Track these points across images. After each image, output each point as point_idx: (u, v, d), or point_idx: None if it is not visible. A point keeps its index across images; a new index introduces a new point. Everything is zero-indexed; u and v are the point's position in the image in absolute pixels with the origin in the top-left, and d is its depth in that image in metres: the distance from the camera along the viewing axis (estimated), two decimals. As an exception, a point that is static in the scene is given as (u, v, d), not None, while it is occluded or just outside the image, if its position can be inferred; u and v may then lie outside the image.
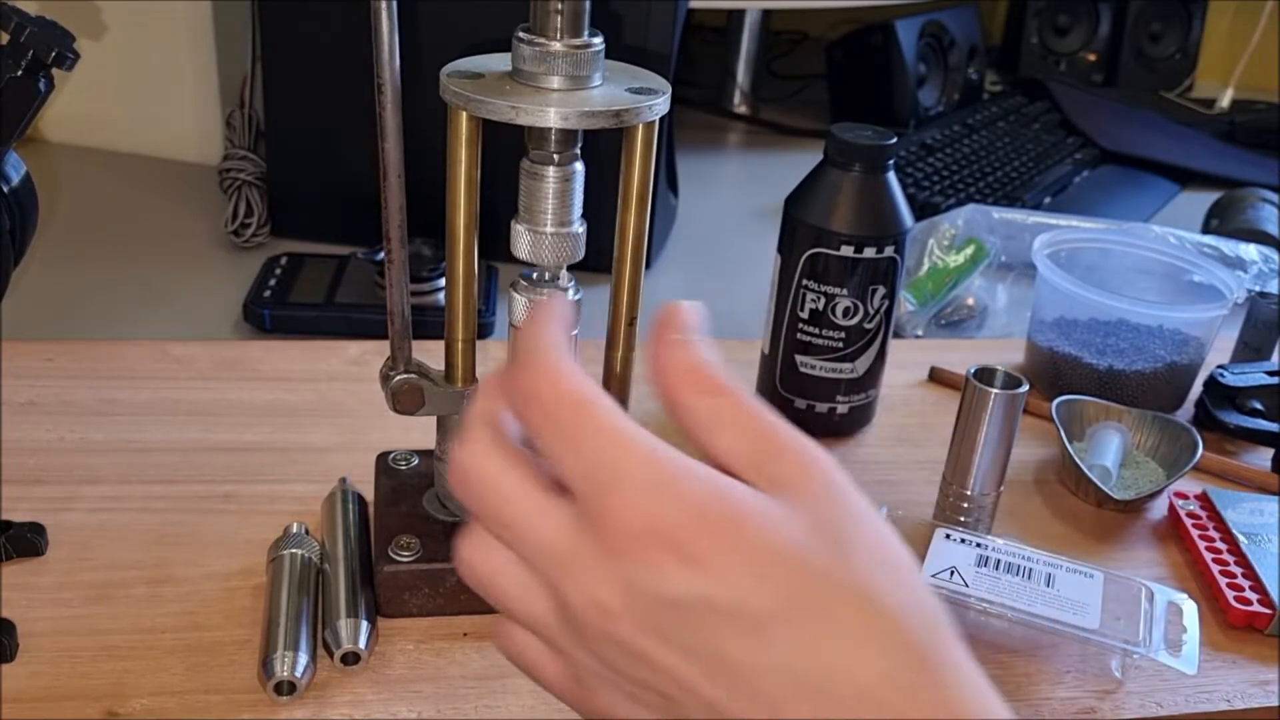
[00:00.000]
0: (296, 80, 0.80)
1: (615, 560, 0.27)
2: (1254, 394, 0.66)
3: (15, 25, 0.39)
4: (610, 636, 0.28)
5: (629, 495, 0.27)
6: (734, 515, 0.27)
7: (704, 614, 0.26)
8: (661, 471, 0.27)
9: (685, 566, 0.26)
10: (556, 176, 0.42)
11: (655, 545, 0.26)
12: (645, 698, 0.28)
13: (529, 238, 0.43)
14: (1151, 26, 1.47)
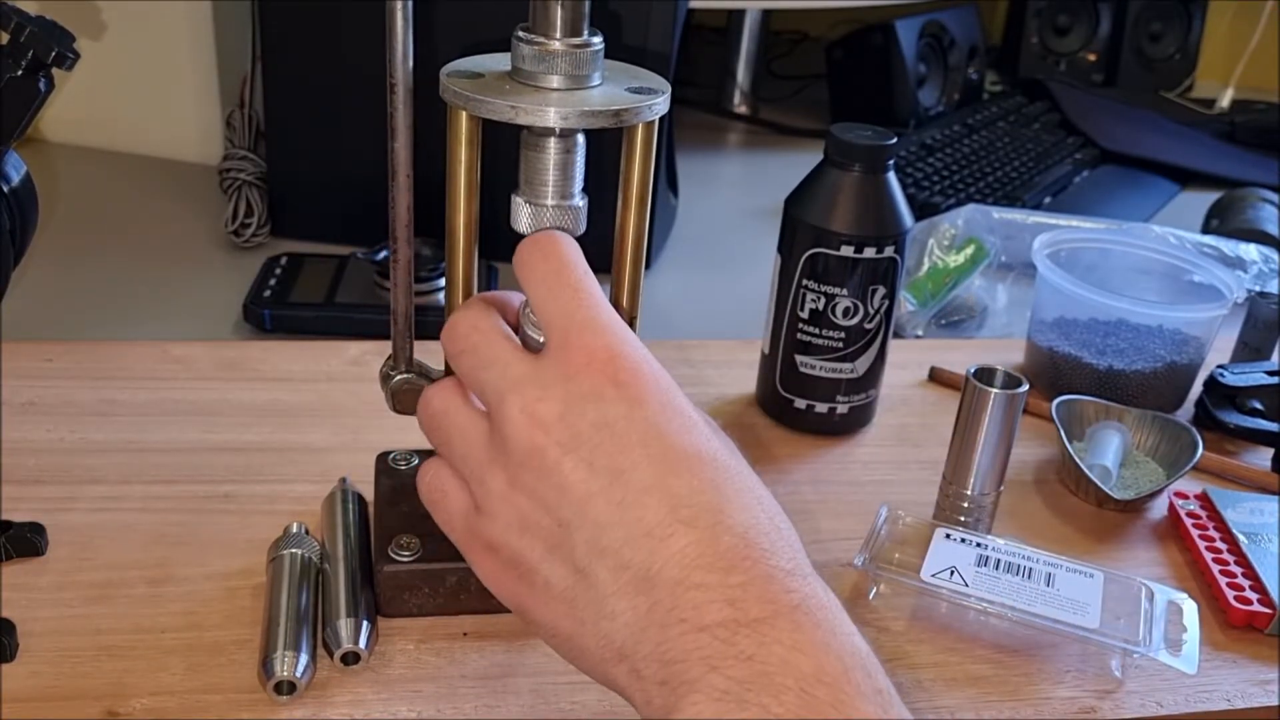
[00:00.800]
0: (296, 80, 0.80)
1: (565, 380, 0.34)
2: (1254, 394, 0.66)
3: (15, 25, 0.39)
4: (532, 449, 0.33)
5: (594, 334, 0.34)
6: (669, 387, 0.35)
7: (623, 434, 0.33)
8: (623, 329, 0.35)
9: (623, 400, 0.33)
10: (558, 148, 0.41)
11: (606, 377, 0.33)
12: (537, 525, 0.34)
13: (529, 210, 0.42)
14: (1151, 26, 1.47)
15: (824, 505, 0.57)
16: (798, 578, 0.33)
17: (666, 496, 0.33)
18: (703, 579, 0.32)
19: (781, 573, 0.32)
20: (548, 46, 0.40)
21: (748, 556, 0.32)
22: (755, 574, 0.32)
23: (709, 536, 0.32)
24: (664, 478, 0.33)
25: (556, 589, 0.34)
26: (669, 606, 0.31)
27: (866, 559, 0.50)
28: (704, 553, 0.32)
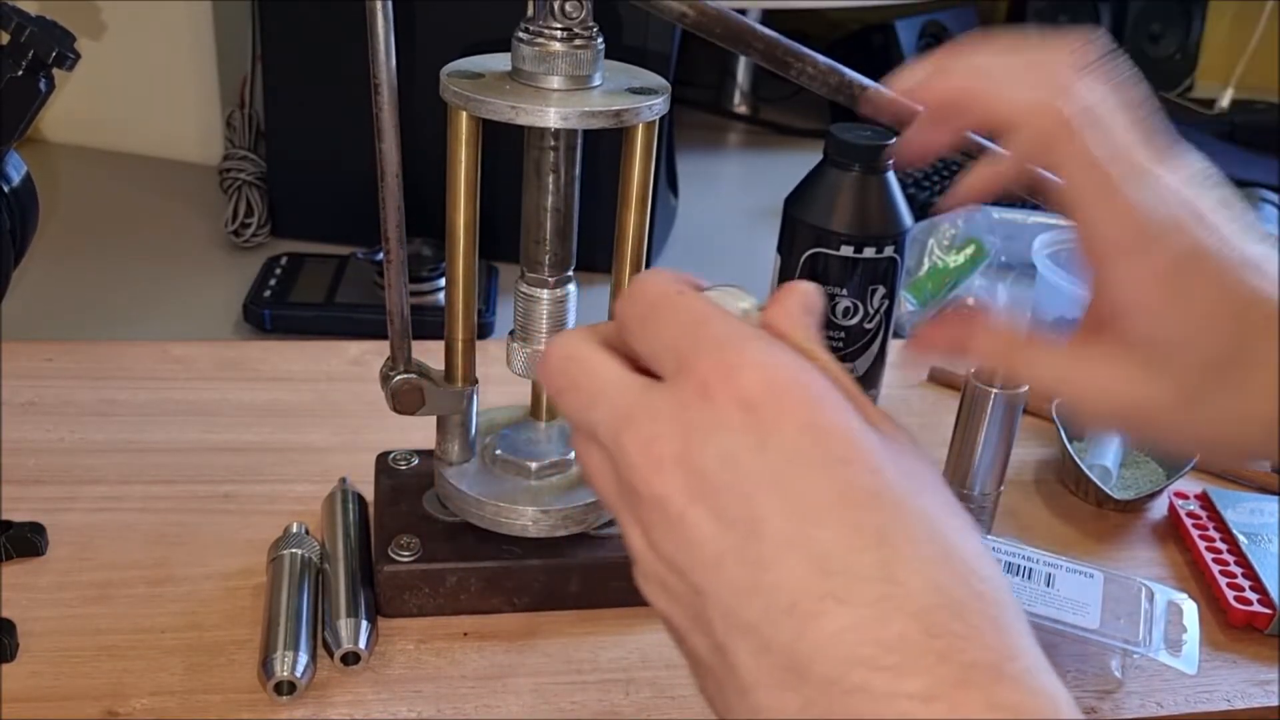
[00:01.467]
0: (296, 80, 0.80)
1: (682, 410, 0.27)
2: (1254, 394, 0.66)
3: (16, 25, 0.39)
4: (655, 500, 0.27)
5: (711, 359, 0.27)
6: (815, 399, 0.26)
7: (753, 472, 0.25)
8: (747, 344, 0.27)
9: (753, 428, 0.26)
10: (550, 299, 0.45)
11: (729, 402, 0.26)
12: (675, 590, 0.27)
13: (524, 355, 0.46)
14: (1151, 27, 1.47)
15: (824, 505, 0.57)
16: (1005, 679, 0.23)
17: (811, 556, 0.25)
18: (865, 680, 0.23)
19: (982, 671, 0.23)
20: (548, 47, 0.40)
21: (930, 649, 0.23)
22: (941, 675, 0.23)
23: (873, 617, 0.24)
24: (807, 528, 0.25)
25: (705, 663, 0.27)
26: (824, 708, 0.24)
27: (866, 559, 0.49)
28: (865, 640, 0.23)
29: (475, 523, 0.47)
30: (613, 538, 0.49)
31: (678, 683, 0.45)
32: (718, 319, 0.28)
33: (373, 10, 0.39)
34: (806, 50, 0.39)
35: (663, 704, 0.44)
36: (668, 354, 0.28)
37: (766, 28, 0.39)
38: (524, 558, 0.47)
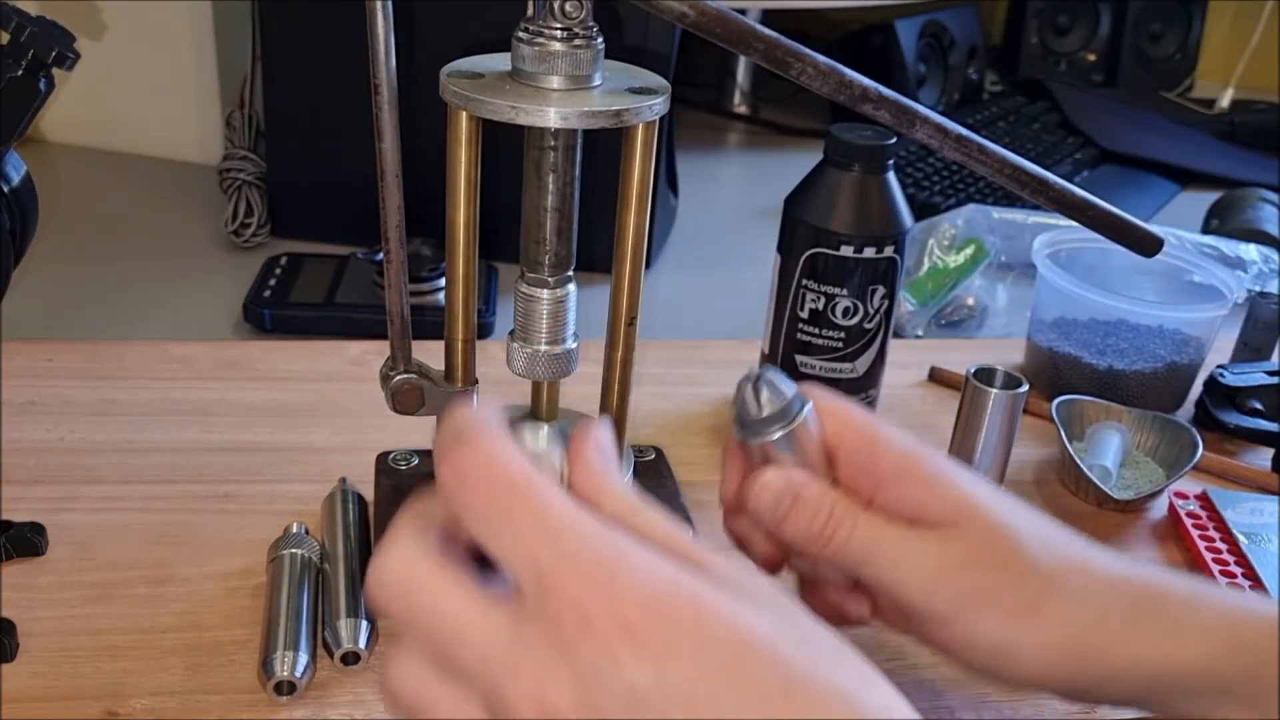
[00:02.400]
0: (296, 80, 0.80)
1: (564, 652, 0.24)
2: (1254, 394, 0.66)
3: (15, 25, 0.39)
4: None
5: (579, 578, 0.24)
6: (694, 603, 0.25)
7: (667, 709, 0.24)
8: (613, 555, 0.25)
9: (647, 658, 0.24)
10: (550, 299, 0.45)
11: (613, 634, 0.24)
12: None
13: (524, 355, 0.46)
14: (1151, 26, 1.47)
15: (824, 505, 0.57)
16: None
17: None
18: None
19: None
20: (548, 47, 0.40)
21: None
22: None
23: None
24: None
25: None
26: None
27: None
28: None
29: (475, 523, 0.47)
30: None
31: (678, 683, 0.45)
32: (569, 519, 0.26)
33: (373, 10, 0.39)
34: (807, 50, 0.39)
35: (663, 704, 0.44)
36: (525, 567, 0.25)
37: (766, 28, 0.39)
38: (524, 558, 0.47)
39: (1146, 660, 0.35)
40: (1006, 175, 0.43)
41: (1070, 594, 0.36)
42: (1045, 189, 0.44)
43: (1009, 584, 0.36)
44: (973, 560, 0.36)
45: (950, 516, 0.36)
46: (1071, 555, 0.37)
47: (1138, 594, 0.36)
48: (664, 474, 0.53)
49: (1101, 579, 0.36)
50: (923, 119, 0.41)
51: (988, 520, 0.36)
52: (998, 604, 0.35)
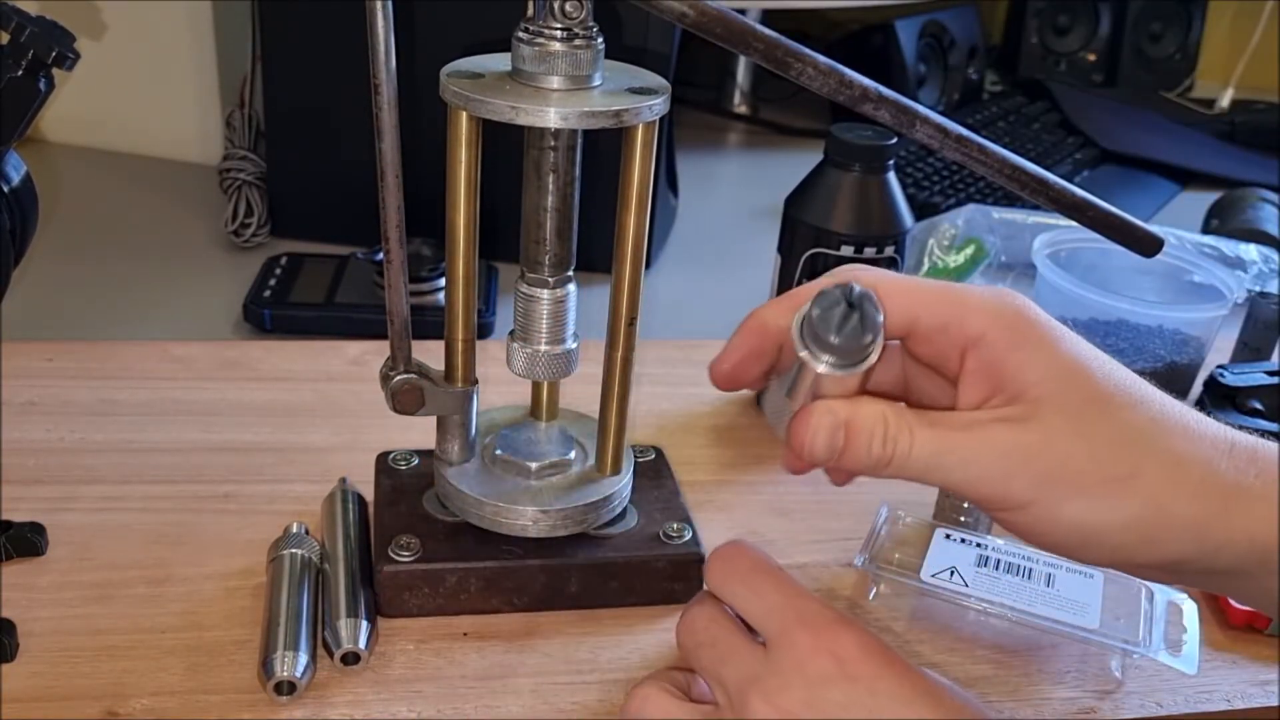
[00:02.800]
0: (296, 80, 0.80)
1: (800, 669, 0.34)
2: (1254, 394, 0.66)
3: (15, 25, 0.39)
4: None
5: (808, 625, 0.35)
6: (887, 653, 0.35)
7: (872, 711, 0.33)
8: (831, 613, 0.35)
9: (855, 678, 0.34)
10: (550, 299, 0.45)
11: (835, 659, 0.34)
12: None
13: (524, 355, 0.46)
14: (1151, 26, 1.47)
15: (824, 505, 0.57)
16: None
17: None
18: None
19: None
20: (548, 47, 0.40)
21: None
22: None
23: None
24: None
25: None
26: None
27: (866, 559, 0.50)
28: None
29: (475, 523, 0.47)
30: (612, 538, 0.49)
31: (678, 683, 0.45)
32: (800, 599, 0.36)
33: (372, 10, 0.39)
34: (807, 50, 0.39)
35: (663, 704, 0.44)
36: (770, 619, 0.35)
37: (767, 28, 0.39)
38: (524, 558, 0.47)
39: (1251, 535, 0.32)
40: (1006, 175, 0.43)
41: (1166, 460, 0.33)
42: (1045, 189, 0.43)
43: (1094, 456, 0.33)
44: (1053, 439, 0.33)
45: (1033, 390, 0.33)
46: (1167, 416, 0.34)
47: (1243, 461, 0.33)
48: (664, 474, 0.53)
49: (1202, 442, 0.33)
50: (923, 119, 0.41)
51: (1080, 387, 0.33)
52: (1081, 481, 0.33)
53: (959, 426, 0.34)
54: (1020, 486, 0.33)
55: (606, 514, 0.49)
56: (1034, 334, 0.34)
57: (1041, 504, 0.33)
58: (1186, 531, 0.33)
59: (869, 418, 0.34)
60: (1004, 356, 0.34)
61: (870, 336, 0.32)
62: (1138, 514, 0.33)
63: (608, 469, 0.49)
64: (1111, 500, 0.33)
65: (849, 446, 0.34)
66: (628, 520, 0.50)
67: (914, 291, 0.35)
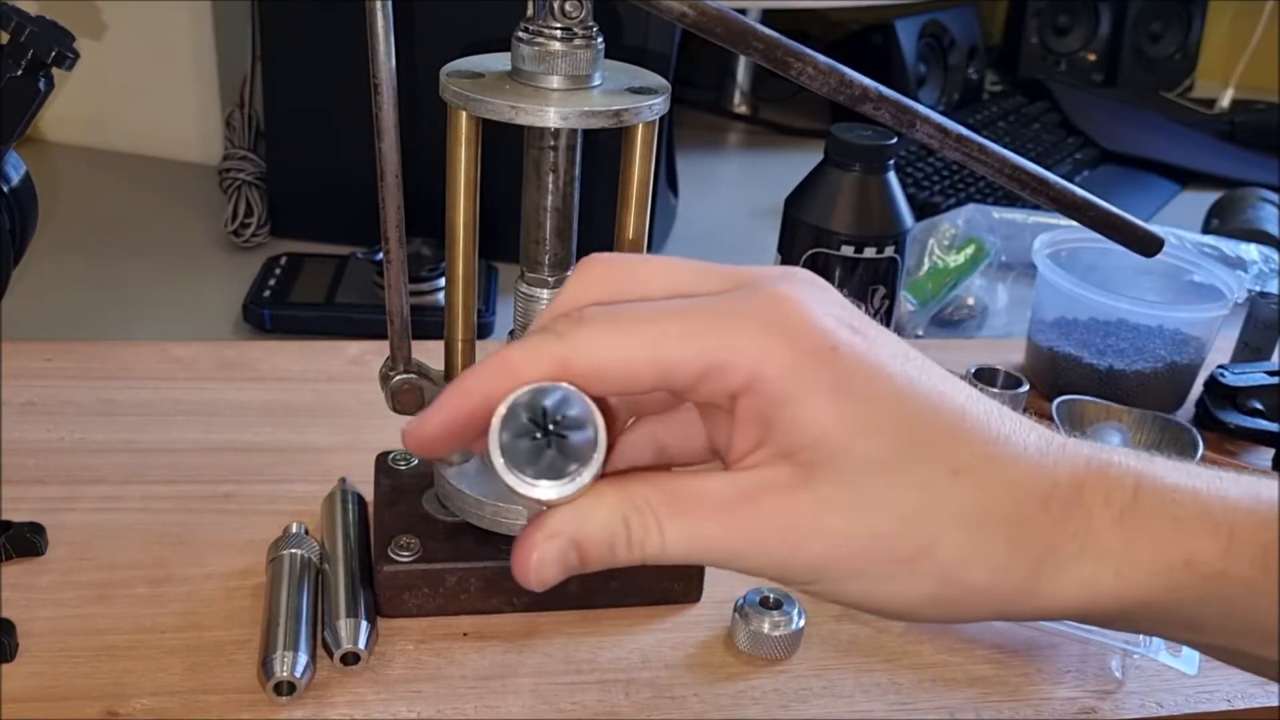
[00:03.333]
0: (296, 80, 0.80)
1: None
2: (1254, 394, 0.66)
3: (15, 25, 0.39)
4: None
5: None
6: None
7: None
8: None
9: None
10: (550, 298, 0.45)
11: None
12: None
13: None
14: (1151, 26, 1.47)
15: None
16: None
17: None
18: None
19: None
20: (547, 47, 0.40)
21: None
22: None
23: None
24: None
25: None
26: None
27: (866, 559, 0.49)
28: None
29: (475, 523, 0.47)
30: (613, 538, 0.49)
31: (677, 683, 0.45)
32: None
33: (372, 10, 0.39)
34: (807, 50, 0.39)
35: (663, 704, 0.44)
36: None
37: (766, 27, 0.39)
38: (524, 558, 0.47)
39: (1066, 600, 0.28)
40: (1007, 175, 0.43)
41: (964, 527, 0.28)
42: (1045, 189, 0.44)
43: (877, 532, 0.28)
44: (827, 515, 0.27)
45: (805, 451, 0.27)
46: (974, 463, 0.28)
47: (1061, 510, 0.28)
48: (664, 474, 0.53)
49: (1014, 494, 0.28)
50: (923, 119, 0.41)
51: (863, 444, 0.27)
52: (862, 563, 0.28)
53: (716, 508, 0.28)
54: (796, 569, 0.28)
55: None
56: (809, 378, 0.27)
57: (824, 584, 0.29)
58: (993, 602, 0.28)
59: (600, 527, 0.28)
60: (774, 410, 0.27)
61: (574, 465, 0.27)
62: (932, 592, 0.28)
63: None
64: (900, 581, 0.28)
65: (587, 562, 0.28)
66: (628, 520, 0.50)
67: (655, 340, 0.27)
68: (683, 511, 0.28)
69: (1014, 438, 0.29)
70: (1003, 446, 0.28)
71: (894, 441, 0.27)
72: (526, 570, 0.28)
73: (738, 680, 0.45)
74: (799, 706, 0.44)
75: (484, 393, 0.28)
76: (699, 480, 0.29)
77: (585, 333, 0.28)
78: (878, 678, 0.46)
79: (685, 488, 0.28)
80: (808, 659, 0.46)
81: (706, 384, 0.28)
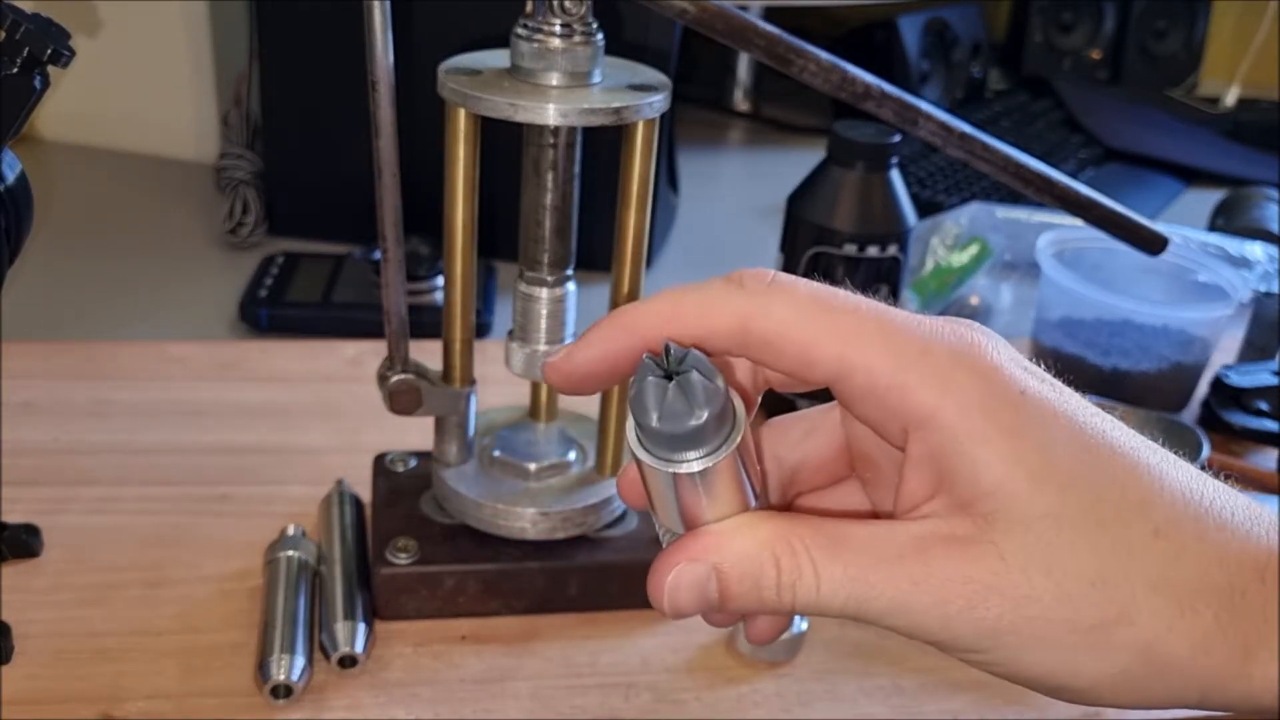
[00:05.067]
0: (293, 78, 0.80)
1: None
2: (1259, 394, 0.66)
3: (10, 22, 0.39)
4: None
5: None
6: None
7: None
8: None
9: None
10: (549, 298, 0.45)
11: None
12: None
13: (523, 355, 0.45)
14: (1156, 24, 1.47)
15: (826, 506, 0.56)
16: None
17: None
18: None
19: None
20: (547, 44, 0.39)
21: None
22: None
23: None
24: None
25: None
26: None
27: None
28: None
29: (473, 525, 0.47)
30: (613, 540, 0.48)
31: (678, 686, 0.45)
32: None
33: (370, 7, 0.38)
34: (808, 47, 0.39)
35: (663, 708, 0.44)
36: None
37: (768, 24, 0.39)
38: (522, 560, 0.47)
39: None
40: (1010, 173, 0.42)
41: (1167, 597, 0.25)
42: (1050, 187, 0.43)
43: (1066, 597, 0.25)
44: (1008, 574, 0.25)
45: (987, 500, 0.25)
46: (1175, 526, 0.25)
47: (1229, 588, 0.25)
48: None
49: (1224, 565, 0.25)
50: (926, 116, 0.40)
51: (1052, 497, 0.25)
52: (1048, 630, 0.25)
53: (882, 556, 0.25)
54: (965, 632, 0.25)
55: (607, 516, 0.48)
56: (994, 419, 0.25)
57: (998, 652, 0.25)
58: (1192, 684, 0.25)
59: (747, 559, 0.25)
60: (956, 449, 0.25)
61: (702, 413, 0.24)
62: (1125, 668, 0.25)
63: (608, 470, 0.48)
64: (1088, 652, 0.25)
65: (728, 598, 0.26)
66: (628, 523, 0.49)
67: (850, 334, 0.26)
68: (844, 556, 0.25)
69: (1220, 502, 0.26)
70: (1209, 510, 0.25)
71: (1086, 495, 0.25)
72: (660, 594, 0.26)
73: (739, 684, 0.45)
74: (801, 710, 0.44)
75: (643, 334, 0.26)
76: (861, 525, 0.26)
77: (776, 294, 0.26)
78: (880, 681, 0.45)
79: (849, 531, 0.26)
80: (810, 662, 0.46)
81: (884, 403, 0.25)
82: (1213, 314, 0.67)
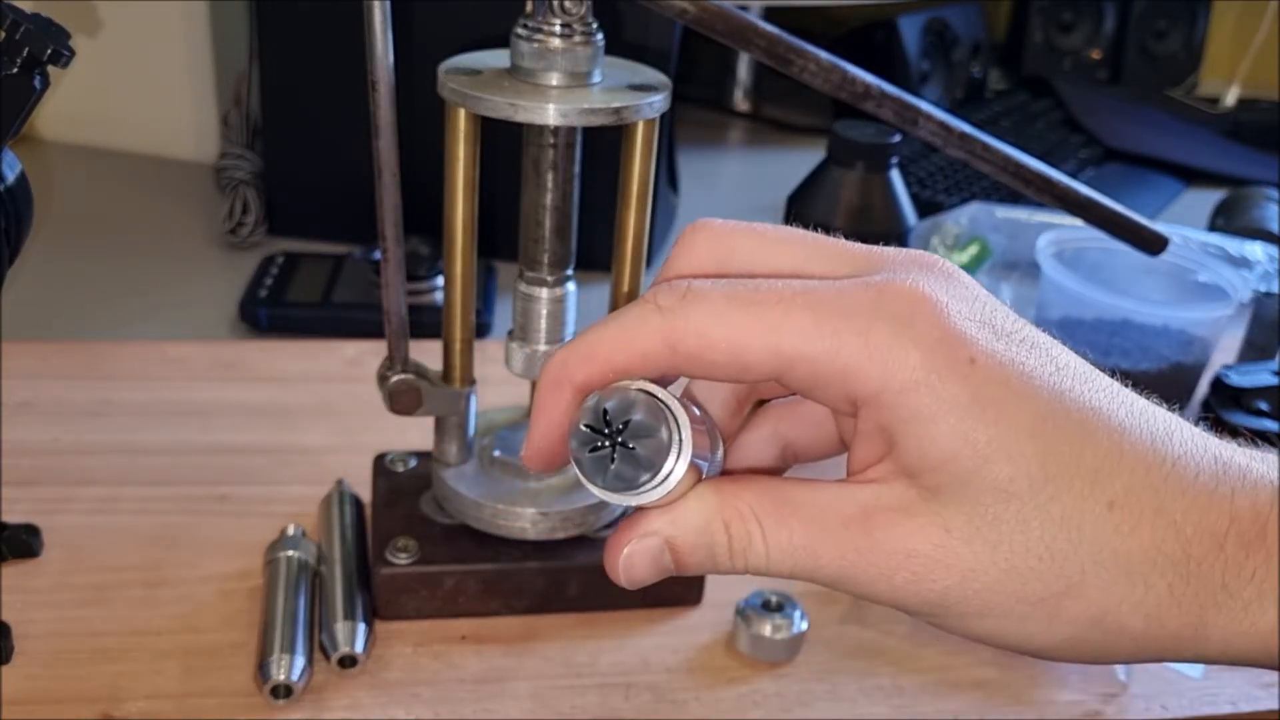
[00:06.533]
0: (294, 78, 0.80)
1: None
2: (1260, 395, 0.66)
3: (10, 22, 0.39)
4: None
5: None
6: None
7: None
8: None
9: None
10: (549, 298, 0.45)
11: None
12: None
13: (523, 355, 0.45)
14: (1156, 24, 1.46)
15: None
16: None
17: None
18: None
19: None
20: (547, 43, 0.39)
21: None
22: None
23: None
24: None
25: None
26: None
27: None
28: None
29: (473, 525, 0.47)
30: (613, 540, 0.48)
31: (678, 686, 0.45)
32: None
33: (370, 7, 0.38)
34: (808, 47, 0.39)
35: (663, 708, 0.44)
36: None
37: (768, 24, 0.39)
38: (522, 560, 0.47)
39: (1229, 643, 0.25)
40: (1010, 173, 0.42)
41: (1116, 569, 0.24)
42: (1049, 187, 0.43)
43: (1011, 569, 0.25)
44: (952, 546, 0.25)
45: (932, 473, 0.25)
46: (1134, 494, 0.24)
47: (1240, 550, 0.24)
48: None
49: (1184, 530, 0.24)
50: (926, 116, 0.40)
51: (999, 469, 0.24)
52: (992, 601, 0.25)
53: (825, 522, 0.25)
54: (914, 601, 0.26)
55: (607, 516, 0.48)
56: (941, 394, 0.24)
57: (947, 619, 0.26)
58: (1147, 648, 0.25)
59: (697, 531, 0.26)
60: (901, 429, 0.24)
61: (645, 474, 0.24)
62: (1073, 635, 0.25)
63: (608, 470, 0.48)
64: (1040, 623, 0.25)
65: (683, 565, 0.26)
66: (628, 522, 0.49)
67: (776, 326, 0.24)
68: (787, 521, 0.25)
69: (1184, 463, 0.25)
70: (1170, 475, 0.25)
71: (1036, 467, 0.24)
72: (616, 567, 0.26)
73: (739, 684, 0.45)
74: (801, 710, 0.44)
75: (576, 383, 0.26)
76: (809, 489, 0.26)
77: (693, 306, 0.25)
78: (881, 681, 0.45)
79: (793, 495, 0.26)
80: (810, 662, 0.46)
81: (828, 387, 0.25)
82: (1213, 314, 0.67)
